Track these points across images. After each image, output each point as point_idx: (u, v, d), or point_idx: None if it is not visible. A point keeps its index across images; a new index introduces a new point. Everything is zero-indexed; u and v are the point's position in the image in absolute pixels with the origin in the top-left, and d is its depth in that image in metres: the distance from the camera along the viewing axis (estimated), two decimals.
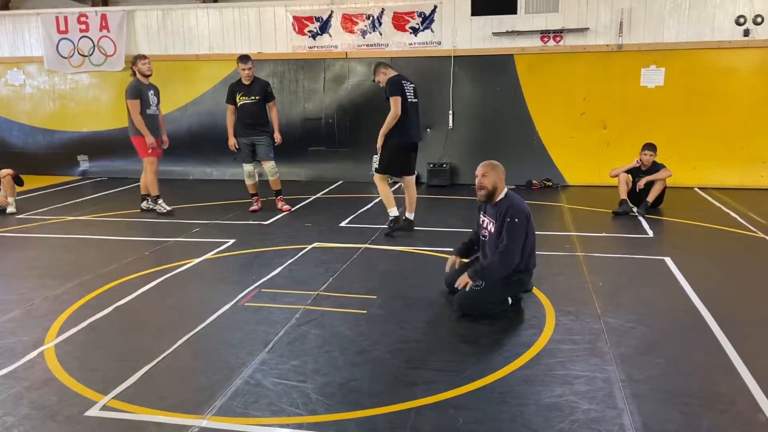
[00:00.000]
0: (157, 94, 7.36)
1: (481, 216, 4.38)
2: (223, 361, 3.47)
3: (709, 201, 7.94)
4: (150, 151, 7.23)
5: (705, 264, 5.28)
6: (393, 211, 6.29)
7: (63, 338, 3.80)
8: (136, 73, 7.19)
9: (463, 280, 4.10)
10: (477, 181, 4.24)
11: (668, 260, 5.25)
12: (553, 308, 4.19)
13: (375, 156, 6.18)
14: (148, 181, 7.42)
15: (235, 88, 7.28)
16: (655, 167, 7.20)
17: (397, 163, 6.22)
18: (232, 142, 7.33)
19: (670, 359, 3.45)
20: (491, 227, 4.21)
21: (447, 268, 4.49)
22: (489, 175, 4.18)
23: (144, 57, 7.29)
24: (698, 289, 4.52)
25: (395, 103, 5.95)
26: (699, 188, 8.68)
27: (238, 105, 7.22)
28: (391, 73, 6.18)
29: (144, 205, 7.62)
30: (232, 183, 9.49)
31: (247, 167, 7.43)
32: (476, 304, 4.07)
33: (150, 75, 7.25)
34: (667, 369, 3.33)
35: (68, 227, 6.85)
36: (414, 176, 6.42)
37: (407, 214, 6.35)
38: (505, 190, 4.24)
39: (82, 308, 4.31)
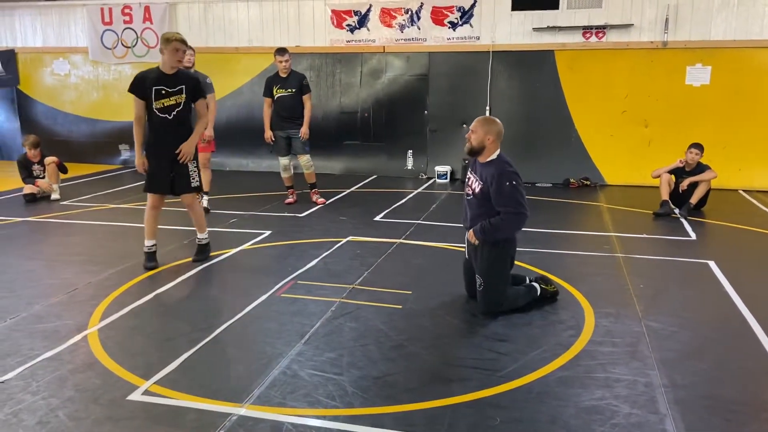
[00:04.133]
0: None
1: (469, 172, 4.29)
2: (261, 350, 3.51)
3: (754, 204, 7.71)
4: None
5: (750, 268, 5.13)
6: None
7: (106, 323, 3.89)
8: None
9: (471, 236, 4.09)
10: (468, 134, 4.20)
11: (712, 264, 5.11)
12: (592, 309, 4.12)
13: (193, 172, 5.07)
14: None
15: (272, 80, 7.31)
16: (699, 168, 7.01)
17: None
18: (268, 134, 7.37)
19: (714, 365, 3.36)
20: (476, 186, 4.11)
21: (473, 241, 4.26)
22: (477, 132, 4.07)
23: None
24: (743, 294, 4.40)
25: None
26: (743, 191, 8.42)
27: (275, 98, 7.26)
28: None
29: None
30: (267, 175, 9.58)
31: (283, 160, 7.48)
32: (494, 299, 4.02)
33: (190, 66, 7.04)
34: (711, 375, 3.25)
35: (110, 215, 7.01)
36: None
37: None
38: (497, 152, 4.07)
39: (124, 294, 4.41)
